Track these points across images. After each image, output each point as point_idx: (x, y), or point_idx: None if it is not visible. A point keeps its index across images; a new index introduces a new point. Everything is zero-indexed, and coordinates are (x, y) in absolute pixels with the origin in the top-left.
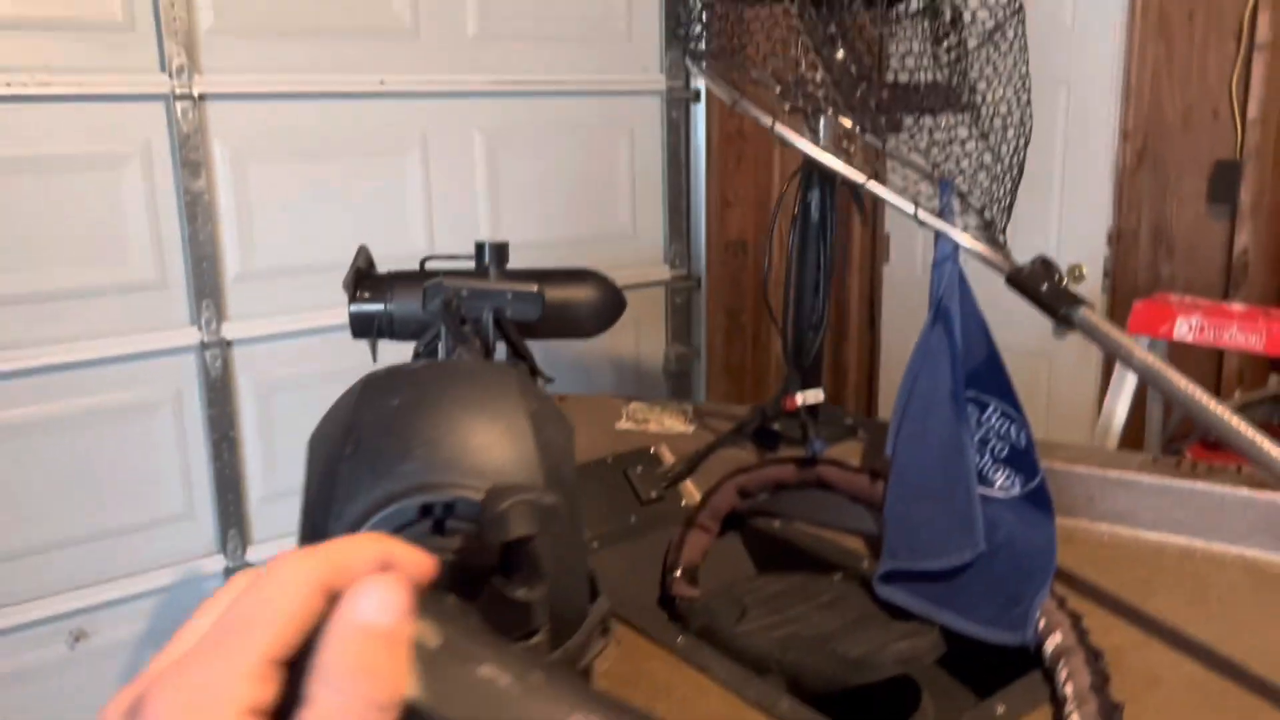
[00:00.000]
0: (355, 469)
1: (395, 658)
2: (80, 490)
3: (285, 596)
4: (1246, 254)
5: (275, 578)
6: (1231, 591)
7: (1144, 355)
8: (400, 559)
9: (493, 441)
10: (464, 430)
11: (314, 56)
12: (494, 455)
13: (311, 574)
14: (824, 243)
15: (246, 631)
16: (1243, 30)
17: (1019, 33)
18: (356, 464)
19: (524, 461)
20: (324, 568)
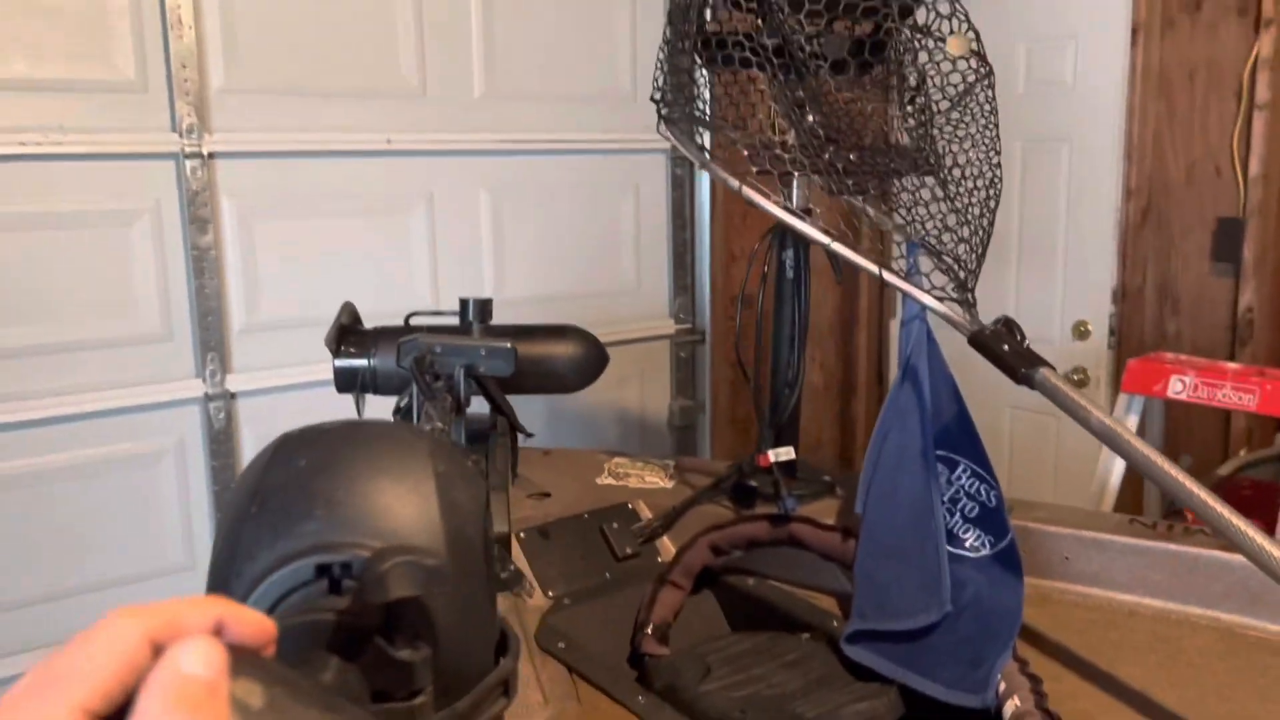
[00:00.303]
0: (258, 529)
1: (214, 712)
2: (84, 540)
3: (108, 649)
4: (1251, 312)
5: (103, 631)
6: (1202, 656)
7: (1101, 416)
8: (235, 620)
9: (394, 502)
10: (366, 491)
11: (322, 116)
12: (395, 516)
13: (139, 628)
14: (799, 300)
15: (64, 681)
16: (1243, 89)
17: (988, 96)
18: (259, 524)
19: (425, 522)
20: (153, 623)
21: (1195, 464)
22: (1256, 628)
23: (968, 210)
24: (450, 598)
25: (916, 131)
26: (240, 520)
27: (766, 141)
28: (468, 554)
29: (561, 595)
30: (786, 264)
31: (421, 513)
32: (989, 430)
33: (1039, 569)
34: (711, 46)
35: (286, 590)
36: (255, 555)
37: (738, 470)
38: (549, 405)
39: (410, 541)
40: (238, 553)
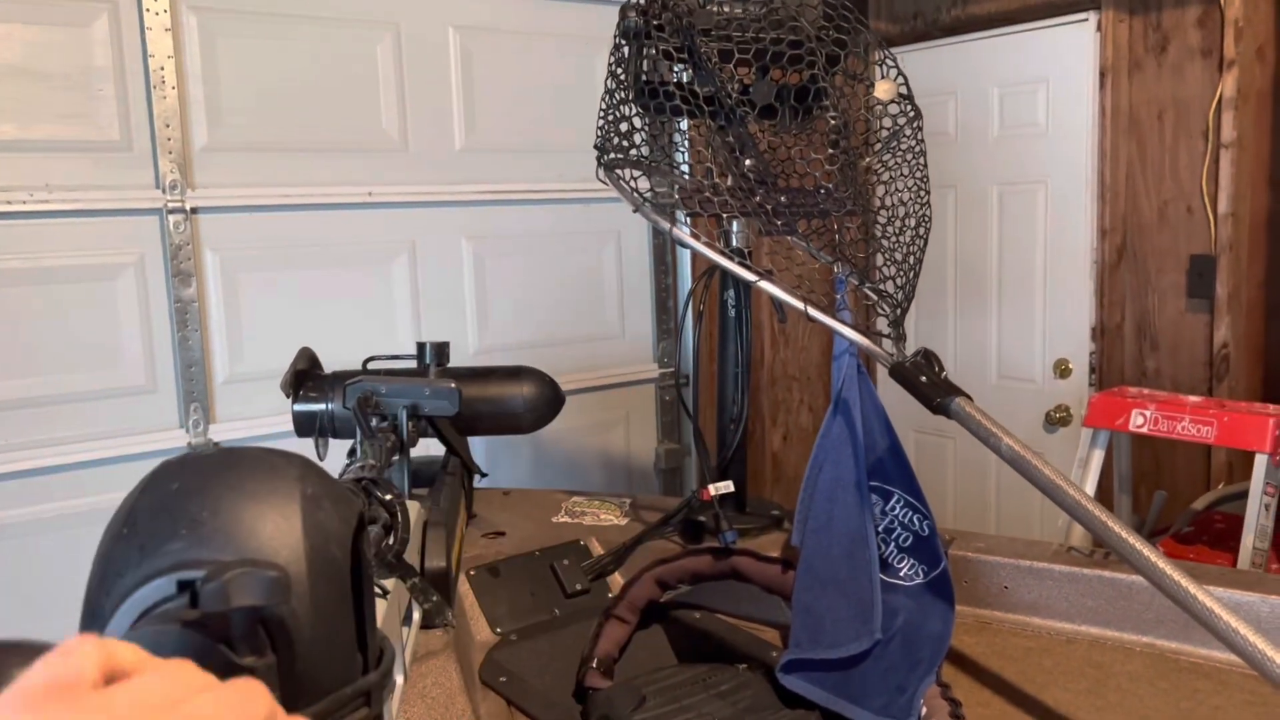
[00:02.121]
0: (127, 549)
1: None
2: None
3: None
4: (1226, 348)
5: None
6: (1133, 681)
7: (1011, 443)
8: None
9: (256, 521)
10: (230, 511)
11: (304, 170)
12: (256, 534)
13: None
14: (741, 338)
15: None
16: (1209, 129)
17: (918, 138)
18: (129, 544)
19: (285, 540)
20: None
21: (1172, 498)
22: (1188, 653)
23: (895, 248)
24: (306, 610)
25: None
26: (113, 541)
27: (698, 185)
28: (330, 570)
29: (509, 631)
30: (728, 303)
31: (283, 530)
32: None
33: (979, 598)
34: (646, 95)
35: (149, 606)
36: (123, 573)
37: (686, 506)
38: (535, 450)
39: (269, 558)
40: (108, 571)
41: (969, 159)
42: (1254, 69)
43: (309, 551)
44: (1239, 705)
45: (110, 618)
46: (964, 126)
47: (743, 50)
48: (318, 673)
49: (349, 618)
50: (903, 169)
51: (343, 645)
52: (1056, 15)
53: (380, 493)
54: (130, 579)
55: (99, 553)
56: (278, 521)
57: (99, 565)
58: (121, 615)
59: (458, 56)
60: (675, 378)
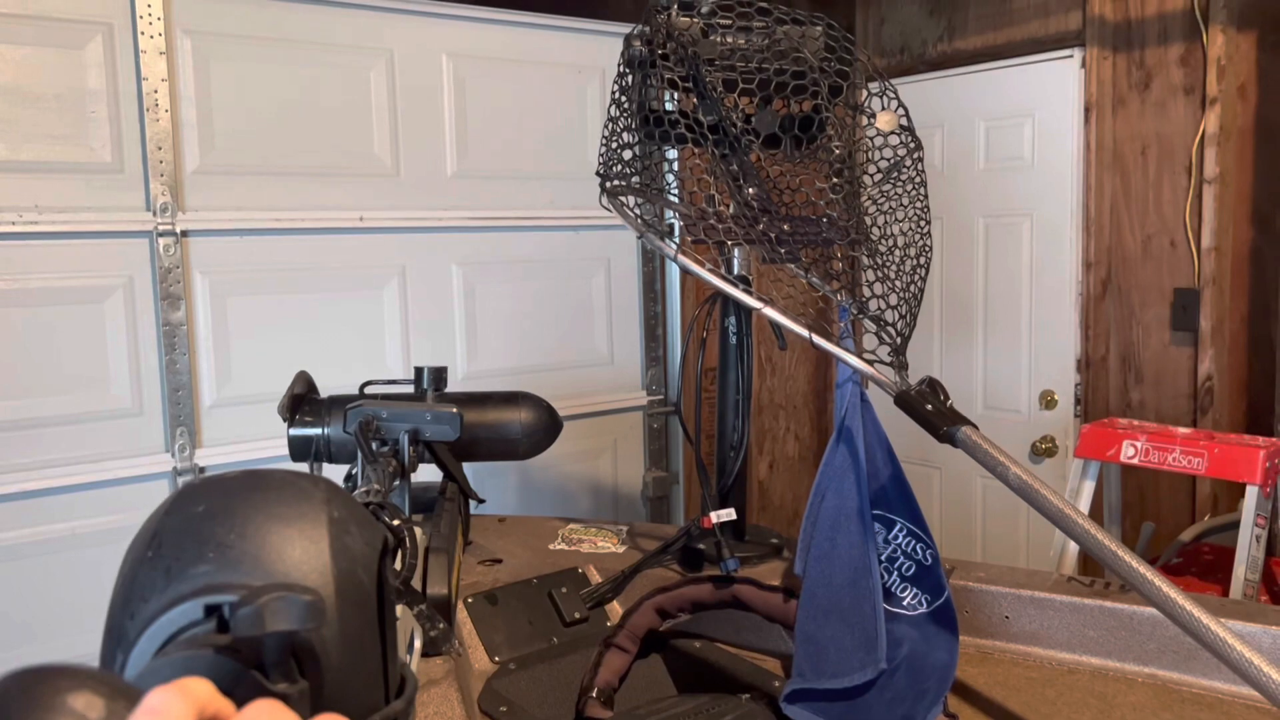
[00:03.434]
0: (152, 571)
1: None
2: (53, 617)
3: None
4: (1210, 380)
5: None
6: (1136, 712)
7: (1019, 472)
8: None
9: (284, 545)
10: (258, 535)
11: (295, 195)
12: (284, 558)
13: None
14: (742, 365)
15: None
16: (1192, 164)
17: (918, 169)
18: (154, 567)
19: (315, 564)
20: None
21: (1159, 531)
22: (1190, 683)
23: (897, 277)
24: (335, 635)
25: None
26: (137, 564)
27: (702, 212)
28: (358, 595)
29: (507, 660)
30: (730, 330)
31: (311, 555)
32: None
33: (980, 628)
34: (651, 123)
35: (177, 630)
36: (149, 597)
37: (685, 534)
38: (523, 477)
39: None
40: (133, 595)
41: (955, 191)
42: (1236, 106)
43: (337, 576)
44: None
45: (136, 641)
46: (950, 159)
47: (746, 80)
48: (345, 700)
49: (376, 644)
50: (903, 199)
51: (369, 672)
52: (1041, 51)
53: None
54: (156, 603)
55: (122, 575)
56: (306, 545)
57: (123, 588)
58: (147, 639)
59: (451, 84)
60: (666, 405)
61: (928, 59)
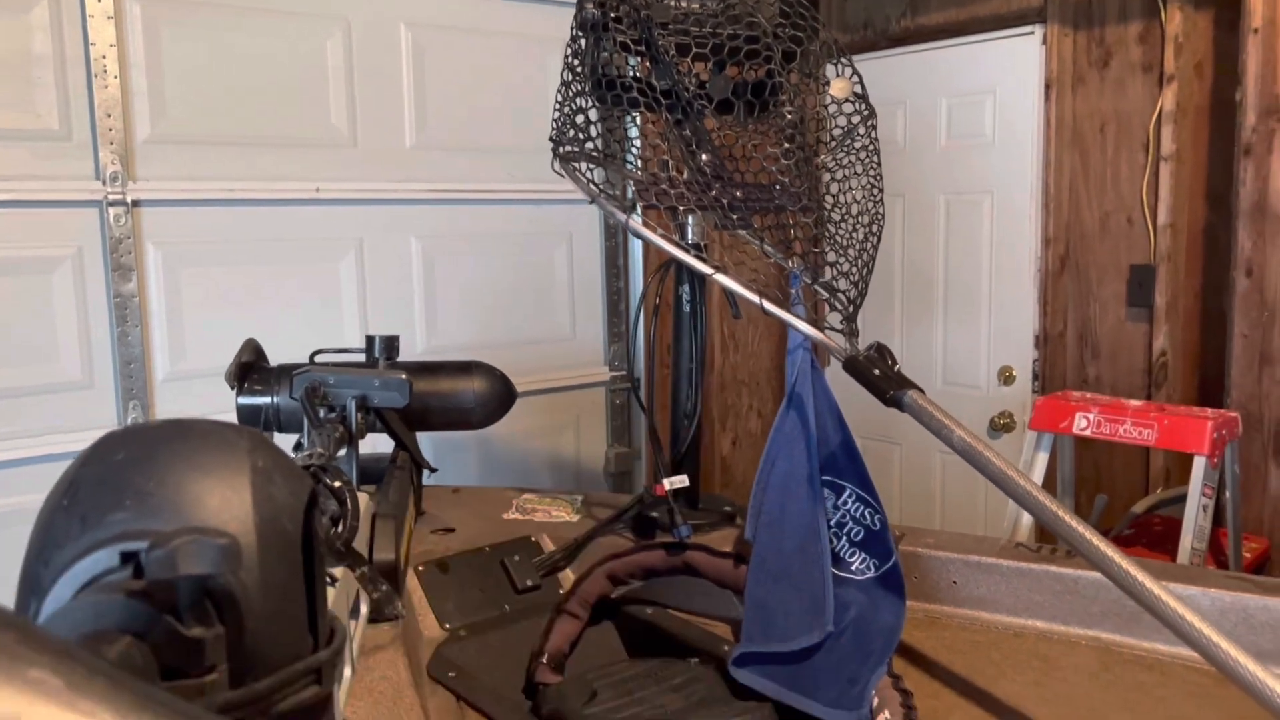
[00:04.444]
0: (68, 519)
1: None
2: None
3: None
4: (1165, 355)
5: None
6: (1077, 673)
7: (963, 434)
8: None
9: (204, 493)
10: (178, 483)
11: (249, 165)
12: (204, 505)
13: None
14: (696, 334)
15: None
16: (1150, 142)
17: (871, 136)
18: (70, 514)
19: (235, 512)
20: None
21: (1112, 502)
22: (1131, 645)
23: (849, 245)
24: (256, 582)
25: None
26: (53, 511)
27: (654, 178)
28: (281, 544)
29: (458, 627)
30: (683, 299)
31: (232, 503)
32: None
33: (928, 593)
34: (604, 88)
35: (92, 577)
36: (63, 544)
37: (638, 502)
38: (484, 453)
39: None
40: (47, 542)
41: (917, 168)
42: (1193, 84)
43: (259, 524)
44: (1181, 696)
45: (50, 589)
46: (913, 136)
47: (700, 45)
48: (267, 648)
49: (300, 593)
50: (856, 167)
51: (293, 621)
52: (1003, 28)
53: (329, 480)
54: (71, 550)
55: (38, 524)
56: (227, 494)
57: (37, 536)
58: (61, 586)
59: (409, 53)
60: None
61: (891, 35)
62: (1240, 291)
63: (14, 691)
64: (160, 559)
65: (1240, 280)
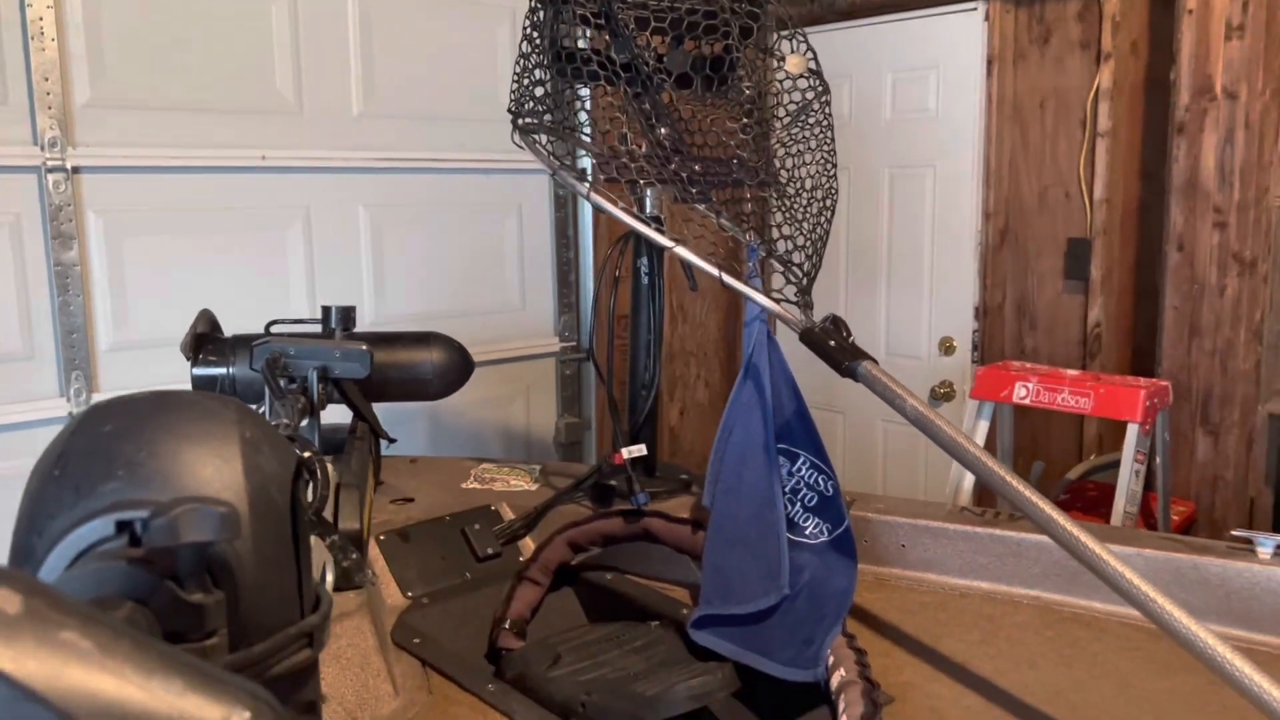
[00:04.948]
0: (60, 490)
1: None
2: None
3: None
4: (1099, 327)
5: None
6: (1020, 630)
7: (915, 404)
8: None
9: (195, 463)
10: (169, 453)
11: (193, 131)
12: (195, 475)
13: None
14: (654, 305)
15: None
16: (1087, 118)
17: (825, 113)
18: (61, 485)
19: (227, 482)
20: None
21: (1048, 469)
22: (1070, 604)
23: (804, 219)
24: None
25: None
26: (44, 482)
27: (615, 151)
28: (271, 513)
29: (420, 595)
30: (642, 271)
31: (223, 473)
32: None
33: (877, 556)
34: (563, 60)
35: (87, 546)
36: (56, 515)
37: (597, 471)
38: (434, 423)
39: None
40: (39, 512)
41: (862, 142)
42: (1129, 62)
43: (250, 493)
44: (1116, 650)
45: (44, 559)
46: (858, 110)
47: (658, 19)
48: (261, 614)
49: (290, 561)
50: (811, 142)
51: (283, 588)
52: (948, 3)
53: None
54: (64, 520)
55: (27, 494)
56: (217, 464)
57: (28, 506)
58: (56, 556)
59: (356, 19)
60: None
61: (838, 9)
62: (1172, 265)
63: (48, 653)
64: (163, 527)
65: (1172, 254)
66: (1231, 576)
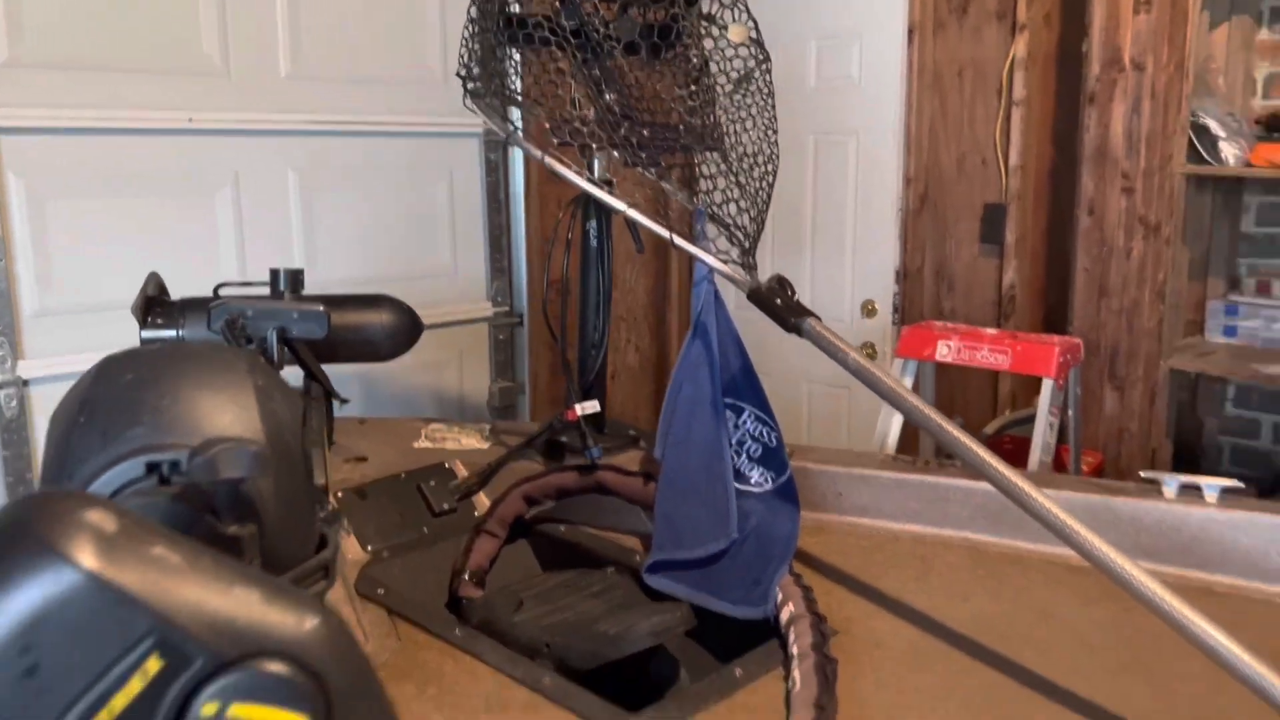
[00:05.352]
0: (87, 436)
1: None
2: None
3: None
4: (1013, 288)
5: None
6: (951, 569)
7: (857, 358)
8: None
9: (217, 408)
10: (190, 399)
11: (117, 93)
12: (217, 420)
13: None
14: (602, 267)
15: None
16: (1003, 87)
17: (766, 80)
18: (88, 432)
19: (246, 425)
20: None
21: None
22: (996, 544)
23: (748, 183)
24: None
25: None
26: (70, 429)
27: (566, 116)
28: (287, 455)
29: (379, 549)
30: (590, 234)
31: (242, 418)
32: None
33: (816, 503)
34: (514, 26)
35: (118, 487)
36: (86, 459)
37: (549, 428)
38: (366, 387)
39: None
40: (69, 457)
41: (787, 109)
42: (1042, 33)
43: (268, 435)
44: (1040, 584)
45: None
46: (783, 77)
47: None
48: (282, 548)
49: (305, 500)
50: (753, 109)
51: (300, 524)
52: None
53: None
54: (95, 463)
55: (53, 440)
56: (235, 410)
57: (57, 451)
58: None
59: None
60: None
61: None
62: (1083, 229)
63: (145, 566)
64: (203, 464)
65: (1083, 219)
66: (1141, 514)
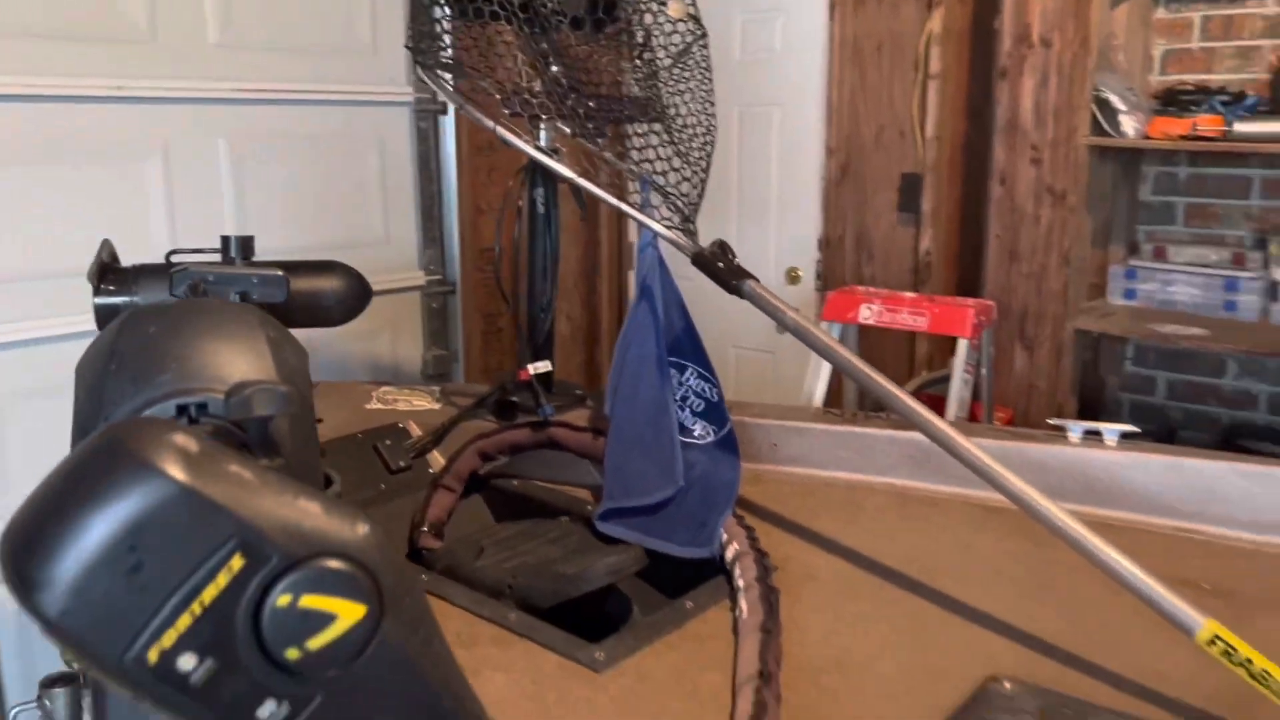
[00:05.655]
0: (119, 383)
1: None
2: None
3: None
4: (929, 254)
5: None
6: (879, 511)
7: (794, 316)
8: None
9: (236, 357)
10: (211, 349)
11: (41, 58)
12: (238, 367)
13: None
14: (549, 233)
15: None
16: (920, 61)
17: (704, 55)
18: (119, 377)
19: (263, 371)
20: None
21: None
22: (920, 488)
23: (689, 153)
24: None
25: (644, 83)
26: (102, 376)
27: (516, 88)
28: (300, 399)
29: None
30: (537, 201)
31: (258, 367)
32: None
33: (753, 454)
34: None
35: None
36: (120, 403)
37: (500, 388)
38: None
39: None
40: (104, 401)
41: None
42: (956, 9)
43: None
44: (960, 524)
45: None
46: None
47: None
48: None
49: (314, 441)
50: (691, 82)
51: (311, 465)
52: None
53: None
54: (129, 406)
55: (84, 386)
56: (252, 358)
57: (91, 396)
58: None
59: None
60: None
61: None
62: (995, 198)
63: (225, 480)
64: (239, 402)
65: (995, 188)
66: (1049, 458)
